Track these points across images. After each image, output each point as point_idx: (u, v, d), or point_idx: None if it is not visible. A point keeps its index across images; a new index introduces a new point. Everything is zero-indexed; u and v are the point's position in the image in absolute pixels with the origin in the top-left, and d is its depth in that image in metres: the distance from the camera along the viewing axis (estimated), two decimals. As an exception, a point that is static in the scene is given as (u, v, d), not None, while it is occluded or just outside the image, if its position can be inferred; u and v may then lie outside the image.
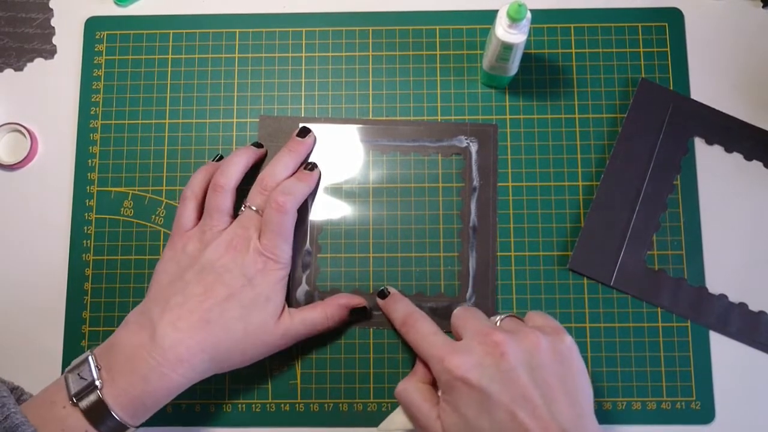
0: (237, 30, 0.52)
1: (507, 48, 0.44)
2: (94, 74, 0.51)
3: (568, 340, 0.39)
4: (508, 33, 0.43)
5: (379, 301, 0.46)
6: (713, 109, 0.49)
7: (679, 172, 0.49)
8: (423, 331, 0.42)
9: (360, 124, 0.50)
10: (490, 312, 0.47)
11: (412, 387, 0.41)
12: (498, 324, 0.42)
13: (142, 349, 0.40)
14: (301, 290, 0.48)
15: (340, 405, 0.47)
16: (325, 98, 0.51)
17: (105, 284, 0.49)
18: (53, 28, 0.52)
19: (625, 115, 0.49)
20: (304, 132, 0.48)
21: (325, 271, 0.48)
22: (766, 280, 0.48)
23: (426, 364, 0.41)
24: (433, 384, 0.41)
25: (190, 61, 0.51)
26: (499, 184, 0.49)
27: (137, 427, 0.40)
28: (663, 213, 0.48)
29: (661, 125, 0.49)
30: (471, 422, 0.37)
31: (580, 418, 0.37)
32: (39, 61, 0.52)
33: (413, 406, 0.40)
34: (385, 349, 0.47)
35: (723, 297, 0.47)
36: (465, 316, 0.42)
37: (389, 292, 0.46)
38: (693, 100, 0.50)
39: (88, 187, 0.50)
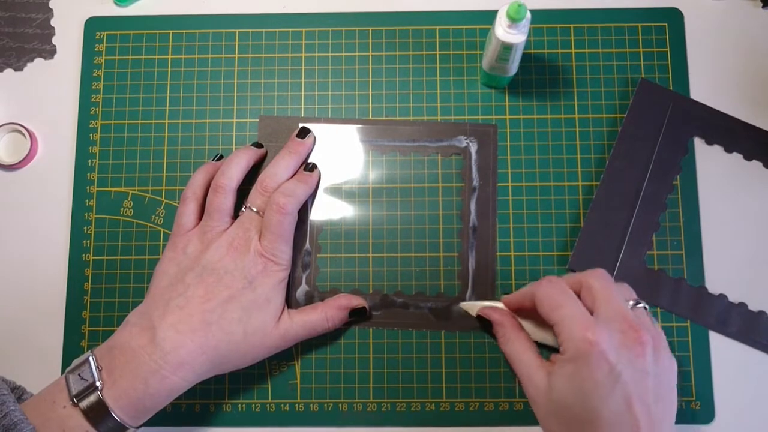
0: (237, 30, 0.52)
1: (507, 48, 0.44)
2: (94, 74, 0.51)
3: (674, 359, 0.40)
4: (508, 33, 0.43)
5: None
6: (713, 109, 0.49)
7: (679, 172, 0.49)
8: (567, 293, 0.40)
9: (360, 124, 0.50)
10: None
11: (516, 340, 0.41)
12: (632, 309, 0.40)
13: (143, 351, 0.40)
14: (301, 290, 0.48)
15: (340, 405, 0.47)
16: (325, 98, 0.51)
17: (105, 284, 0.49)
18: (53, 28, 0.52)
19: (625, 115, 0.49)
20: (304, 132, 0.48)
21: (325, 271, 0.48)
22: (766, 280, 0.48)
23: (515, 317, 0.42)
24: (523, 328, 0.42)
25: (190, 61, 0.51)
26: (499, 184, 0.49)
27: (137, 427, 0.40)
28: (663, 213, 0.48)
29: (661, 125, 0.49)
30: (586, 391, 0.37)
31: (666, 430, 0.38)
32: (39, 61, 0.52)
33: (519, 357, 0.41)
34: (385, 349, 0.47)
35: (723, 297, 0.47)
36: (607, 285, 0.39)
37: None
38: (693, 100, 0.50)
39: (88, 187, 0.50)
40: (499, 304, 0.45)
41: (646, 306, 0.41)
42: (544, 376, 0.39)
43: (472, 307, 0.46)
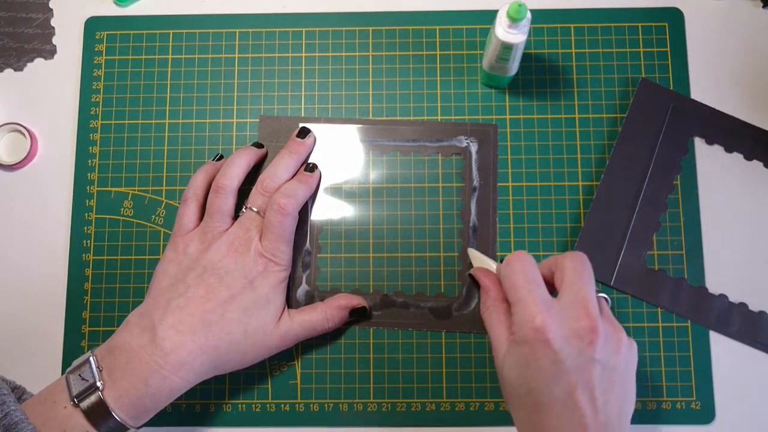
0: (237, 30, 0.52)
1: (507, 48, 0.44)
2: (94, 74, 0.51)
3: (635, 349, 0.40)
4: (508, 33, 0.43)
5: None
6: (713, 109, 0.49)
7: (679, 172, 0.49)
8: (527, 274, 0.39)
9: (360, 124, 0.50)
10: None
11: (494, 310, 0.41)
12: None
13: (143, 352, 0.40)
14: (301, 290, 0.48)
15: (340, 405, 0.47)
16: (325, 98, 0.51)
17: (105, 284, 0.49)
18: (53, 28, 0.52)
19: (625, 115, 0.49)
20: (304, 132, 0.48)
21: (325, 271, 0.48)
22: (766, 280, 0.48)
23: (501, 288, 0.41)
24: (507, 300, 0.41)
25: (190, 61, 0.51)
26: (499, 184, 0.49)
27: (138, 427, 0.40)
28: (663, 213, 0.48)
29: (661, 125, 0.49)
30: (530, 376, 0.37)
31: (620, 421, 0.38)
32: (39, 61, 0.52)
33: (491, 329, 0.41)
34: (385, 349, 0.47)
35: (723, 297, 0.47)
36: (579, 268, 0.39)
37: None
38: (693, 100, 0.50)
39: (88, 187, 0.50)
40: (494, 267, 0.45)
41: (608, 298, 0.42)
42: (504, 354, 0.39)
43: (475, 258, 0.46)
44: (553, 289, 0.40)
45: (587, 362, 0.37)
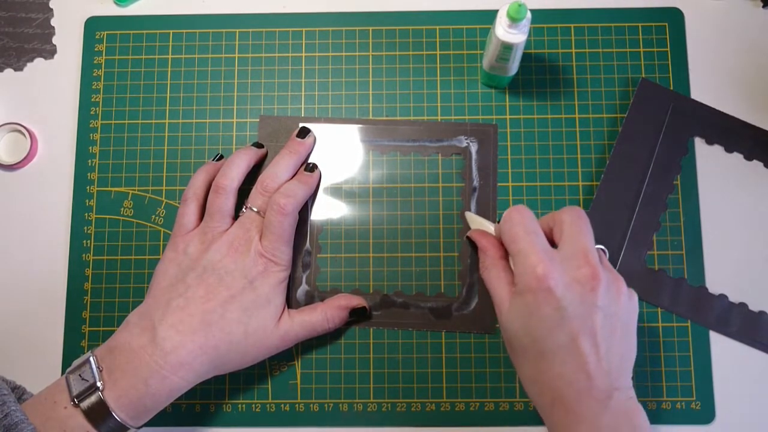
0: (237, 30, 0.52)
1: (507, 48, 0.44)
2: (94, 74, 0.51)
3: (635, 299, 0.40)
4: (508, 33, 0.43)
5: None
6: (714, 109, 0.49)
7: (679, 172, 0.49)
8: (527, 227, 0.40)
9: (360, 124, 0.50)
10: (490, 313, 0.47)
11: (493, 268, 0.42)
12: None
13: (144, 352, 0.40)
14: (301, 290, 0.48)
15: (340, 405, 0.47)
16: (325, 98, 0.51)
17: (105, 284, 0.49)
18: (53, 28, 0.52)
19: (626, 115, 0.49)
20: (304, 132, 0.48)
21: (325, 271, 0.48)
22: (766, 280, 0.48)
23: (501, 246, 0.42)
24: (506, 258, 0.42)
25: (190, 61, 0.51)
26: (499, 184, 0.49)
27: (138, 427, 0.40)
28: (663, 213, 0.48)
29: (662, 125, 0.49)
30: (533, 325, 0.38)
31: (622, 369, 0.38)
32: (39, 61, 0.52)
33: (492, 286, 0.41)
34: (385, 349, 0.47)
35: (723, 297, 0.47)
36: (577, 221, 0.40)
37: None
38: (693, 100, 0.50)
39: (88, 187, 0.50)
40: (492, 228, 0.45)
41: (605, 250, 0.43)
42: (507, 310, 0.40)
43: (473, 221, 0.47)
44: (552, 245, 0.40)
45: (589, 309, 0.37)
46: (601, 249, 0.43)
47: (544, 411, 0.39)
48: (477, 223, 0.46)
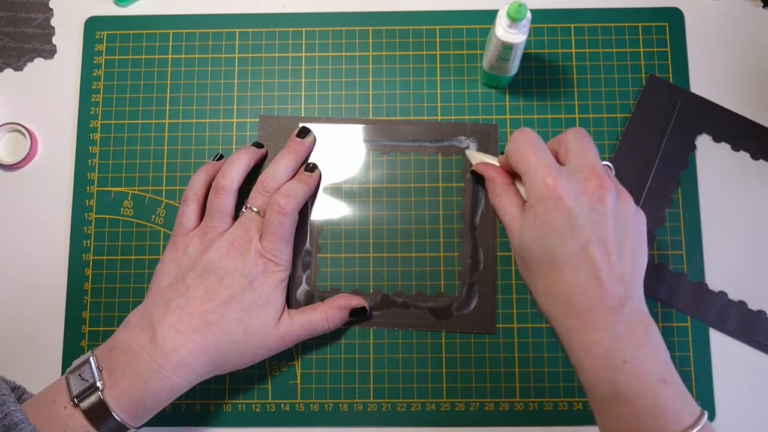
0: (237, 30, 0.52)
1: (507, 48, 0.44)
2: (94, 74, 0.51)
3: (642, 214, 0.41)
4: (508, 33, 0.43)
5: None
6: (722, 107, 0.49)
7: (685, 168, 0.49)
8: (534, 144, 0.40)
9: (360, 124, 0.50)
10: (490, 313, 0.47)
11: (503, 192, 0.43)
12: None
13: (143, 351, 0.40)
14: (301, 290, 0.48)
15: (340, 405, 0.47)
16: (325, 98, 0.51)
17: (105, 284, 0.49)
18: (53, 28, 0.52)
19: (633, 110, 0.49)
20: (304, 132, 0.48)
21: (325, 271, 0.48)
22: (766, 280, 0.48)
23: (508, 174, 0.44)
24: (514, 184, 0.44)
25: (190, 61, 0.51)
26: (499, 184, 0.49)
27: (138, 427, 0.40)
28: (667, 207, 0.48)
29: (669, 121, 0.49)
30: (545, 234, 0.38)
31: (634, 279, 0.39)
32: (39, 61, 0.52)
33: (503, 210, 0.42)
34: (385, 349, 0.47)
35: (723, 294, 0.47)
36: (581, 139, 0.41)
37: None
38: (701, 97, 0.50)
39: (88, 187, 0.50)
40: (496, 162, 0.46)
41: (611, 166, 0.44)
42: (518, 230, 0.41)
43: (474, 157, 0.47)
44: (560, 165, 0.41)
45: (599, 217, 0.38)
46: (608, 165, 0.44)
47: (558, 323, 0.39)
48: (479, 158, 0.47)
